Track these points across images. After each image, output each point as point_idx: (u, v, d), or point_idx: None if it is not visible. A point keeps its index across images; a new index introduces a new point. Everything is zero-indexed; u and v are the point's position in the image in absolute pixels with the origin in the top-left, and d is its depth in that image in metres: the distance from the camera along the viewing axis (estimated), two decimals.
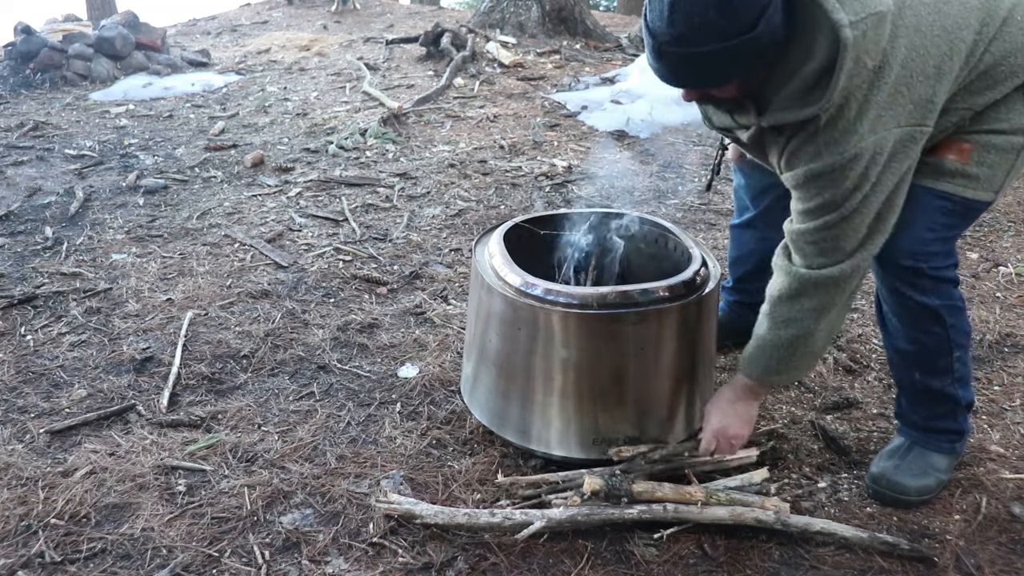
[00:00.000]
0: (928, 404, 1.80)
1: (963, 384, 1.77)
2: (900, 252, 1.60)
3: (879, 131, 1.41)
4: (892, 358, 1.81)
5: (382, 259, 3.10)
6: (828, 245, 1.53)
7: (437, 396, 2.21)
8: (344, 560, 1.62)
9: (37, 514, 1.73)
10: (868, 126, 1.40)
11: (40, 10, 9.76)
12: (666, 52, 1.36)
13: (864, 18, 1.33)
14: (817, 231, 1.52)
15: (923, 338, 1.69)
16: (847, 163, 1.42)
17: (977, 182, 1.56)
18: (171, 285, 2.85)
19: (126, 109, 5.69)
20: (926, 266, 1.60)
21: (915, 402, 1.82)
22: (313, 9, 10.96)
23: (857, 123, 1.40)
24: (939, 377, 1.74)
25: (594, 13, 10.02)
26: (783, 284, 1.61)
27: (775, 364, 1.67)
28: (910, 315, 1.67)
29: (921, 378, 1.75)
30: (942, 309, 1.65)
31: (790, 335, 1.62)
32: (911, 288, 1.63)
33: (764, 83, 1.45)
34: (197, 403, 2.17)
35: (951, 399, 1.77)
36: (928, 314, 1.65)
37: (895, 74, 1.39)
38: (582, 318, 1.71)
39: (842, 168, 1.43)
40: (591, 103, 5.57)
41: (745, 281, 2.31)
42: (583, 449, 1.82)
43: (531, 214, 2.17)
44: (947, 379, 1.74)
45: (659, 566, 1.61)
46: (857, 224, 1.50)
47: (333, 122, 5.14)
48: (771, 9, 1.31)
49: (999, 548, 1.67)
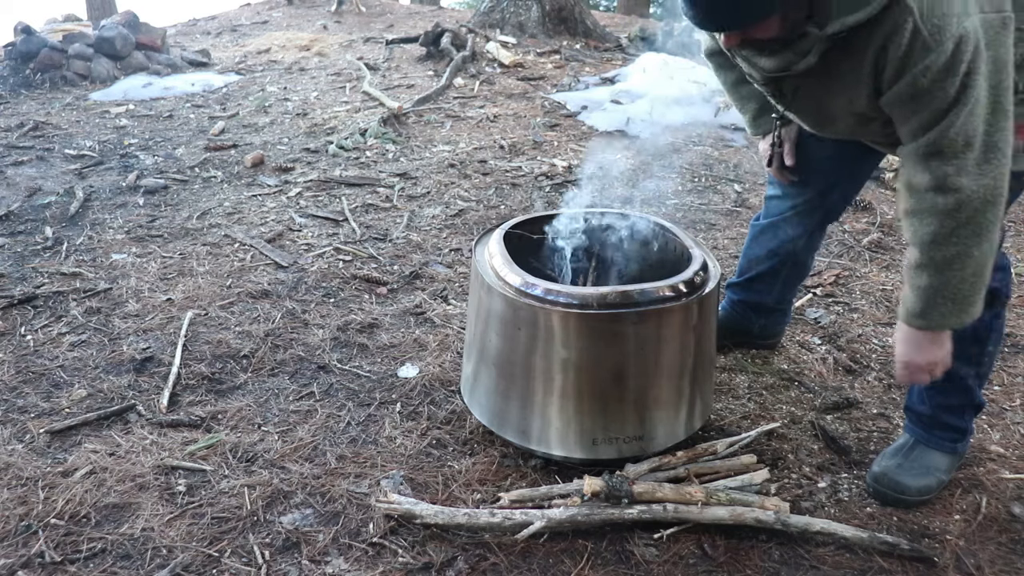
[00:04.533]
0: (944, 392, 1.79)
1: (981, 382, 1.79)
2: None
3: (971, 11, 1.32)
4: None
5: (382, 259, 3.10)
6: (970, 155, 1.38)
7: (437, 396, 2.21)
8: (344, 560, 1.62)
9: (37, 514, 1.73)
10: (960, 6, 1.31)
11: (40, 10, 9.78)
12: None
13: None
14: (951, 140, 1.38)
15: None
16: (956, 51, 1.31)
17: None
18: (171, 285, 2.85)
19: (126, 109, 5.69)
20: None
21: (931, 389, 1.80)
22: (313, 9, 10.96)
23: (948, 4, 1.31)
24: (966, 365, 1.74)
25: (594, 13, 10.03)
26: (932, 224, 1.45)
27: (952, 307, 1.50)
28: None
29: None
30: (996, 292, 1.65)
31: (961, 269, 1.46)
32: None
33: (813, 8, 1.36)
34: (197, 403, 2.17)
35: (967, 392, 1.78)
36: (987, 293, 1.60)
37: None
38: (582, 318, 1.71)
39: (954, 58, 1.32)
40: (591, 103, 5.57)
41: (757, 281, 2.28)
42: (583, 449, 1.82)
43: (531, 214, 2.17)
44: (971, 369, 1.75)
45: (659, 566, 1.61)
46: (992, 113, 1.37)
47: (333, 122, 5.14)
48: None
49: (999, 548, 1.67)
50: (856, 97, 1.50)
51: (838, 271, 3.00)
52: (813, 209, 2.09)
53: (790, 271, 2.25)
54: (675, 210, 3.66)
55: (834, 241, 3.27)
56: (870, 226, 3.42)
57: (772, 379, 2.30)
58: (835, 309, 2.73)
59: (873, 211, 3.56)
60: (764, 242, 2.23)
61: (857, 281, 2.94)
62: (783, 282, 2.27)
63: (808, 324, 2.63)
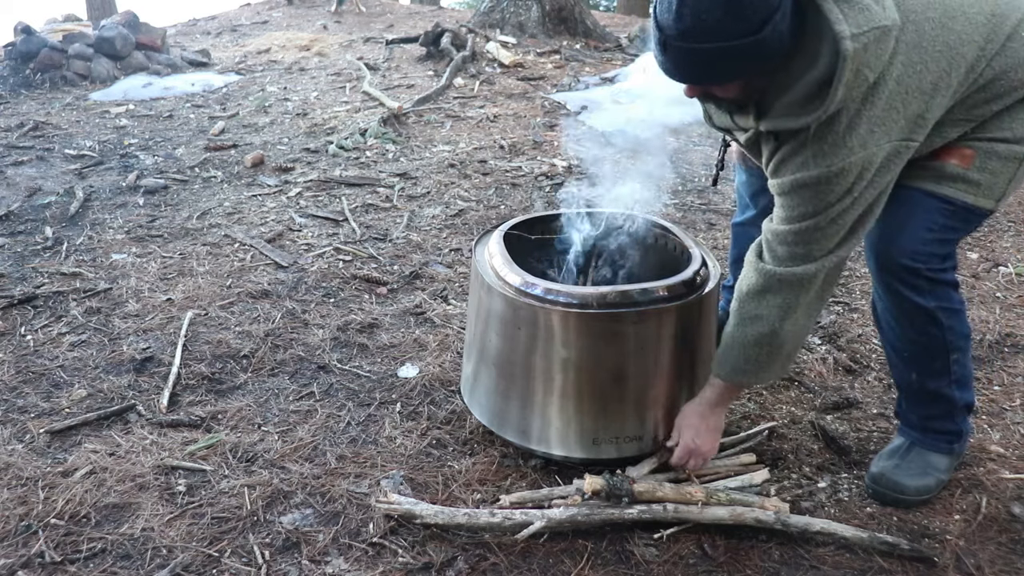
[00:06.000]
0: (925, 404, 1.80)
1: (961, 386, 1.77)
2: (899, 251, 1.60)
3: (869, 146, 1.42)
4: (890, 357, 1.81)
5: (382, 259, 3.10)
6: (800, 249, 1.54)
7: (437, 396, 2.21)
8: (344, 560, 1.62)
9: (37, 514, 1.73)
10: (858, 141, 1.41)
11: (40, 10, 9.77)
12: (671, 46, 1.37)
13: (866, 31, 1.33)
14: (793, 235, 1.53)
15: (919, 339, 1.69)
16: (833, 176, 1.44)
17: (978, 188, 1.56)
18: (171, 285, 2.85)
19: (126, 109, 5.69)
20: (924, 267, 1.60)
21: (912, 402, 1.82)
22: (313, 9, 10.96)
23: (847, 137, 1.41)
24: (936, 378, 1.74)
25: (594, 13, 10.03)
26: (751, 280, 1.62)
27: (742, 363, 1.67)
28: (906, 316, 1.67)
29: (918, 378, 1.75)
30: (938, 311, 1.64)
31: (756, 332, 1.62)
32: (908, 288, 1.62)
33: (766, 89, 1.45)
34: (197, 403, 2.17)
35: (948, 400, 1.77)
36: (924, 315, 1.65)
37: (889, 90, 1.40)
38: (582, 318, 1.71)
39: (827, 181, 1.44)
40: (591, 103, 5.57)
41: None
42: (583, 449, 1.82)
43: (531, 214, 2.17)
44: (944, 380, 1.74)
45: (659, 566, 1.61)
46: (833, 232, 1.51)
47: (333, 122, 5.14)
48: (779, 15, 1.31)
49: (999, 548, 1.67)
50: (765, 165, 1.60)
51: None
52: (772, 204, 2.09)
53: None
54: (675, 210, 3.66)
55: None
56: None
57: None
58: (835, 309, 2.73)
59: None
60: (742, 241, 2.26)
61: (857, 281, 2.94)
62: None
63: None
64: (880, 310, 1.74)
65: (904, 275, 1.62)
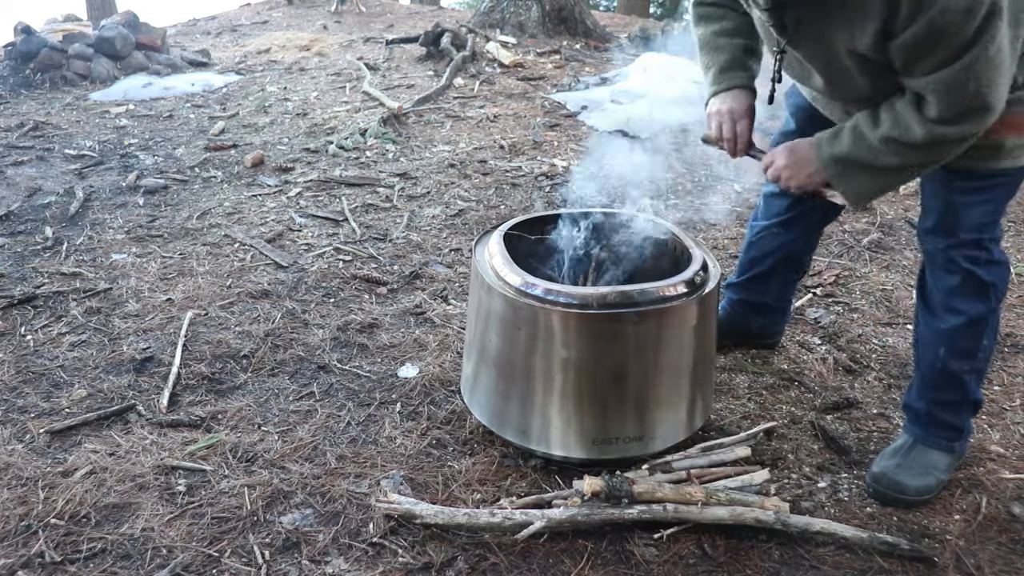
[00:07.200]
0: (940, 388, 1.81)
1: (978, 378, 1.81)
2: (965, 225, 1.65)
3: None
4: (923, 336, 1.83)
5: (382, 259, 3.10)
6: (956, 96, 1.40)
7: (437, 396, 2.21)
8: (344, 560, 1.62)
9: (37, 514, 1.73)
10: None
11: (40, 10, 9.78)
12: None
13: None
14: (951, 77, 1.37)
15: (968, 309, 1.72)
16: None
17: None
18: (171, 285, 2.85)
19: (126, 109, 5.69)
20: (988, 237, 1.66)
21: (927, 385, 1.83)
22: (313, 9, 10.96)
23: None
24: (961, 359, 1.77)
25: (594, 13, 10.03)
26: (915, 132, 1.48)
27: (866, 184, 1.60)
28: (962, 287, 1.71)
29: (944, 355, 1.77)
30: (992, 288, 1.70)
31: (895, 165, 1.55)
32: (971, 262, 1.68)
33: None
34: (197, 403, 2.17)
35: (962, 387, 1.79)
36: (981, 288, 1.70)
37: None
38: (582, 318, 1.71)
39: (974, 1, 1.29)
40: (591, 103, 5.56)
41: (757, 281, 2.29)
42: (583, 449, 1.82)
43: (531, 214, 2.17)
44: (967, 364, 1.77)
45: (659, 566, 1.61)
46: (986, 68, 1.36)
47: (333, 122, 5.14)
48: None
49: (999, 548, 1.67)
50: (860, 33, 1.43)
51: (838, 271, 3.00)
52: (812, 208, 2.09)
53: (789, 271, 2.27)
54: (675, 210, 3.66)
55: (834, 241, 3.27)
56: (870, 226, 3.42)
57: (772, 379, 2.30)
58: (835, 309, 2.73)
59: (873, 211, 3.56)
60: (763, 242, 2.23)
61: (857, 281, 2.94)
62: (782, 282, 2.28)
63: (808, 324, 2.63)
64: (929, 286, 1.78)
65: (970, 248, 1.67)
